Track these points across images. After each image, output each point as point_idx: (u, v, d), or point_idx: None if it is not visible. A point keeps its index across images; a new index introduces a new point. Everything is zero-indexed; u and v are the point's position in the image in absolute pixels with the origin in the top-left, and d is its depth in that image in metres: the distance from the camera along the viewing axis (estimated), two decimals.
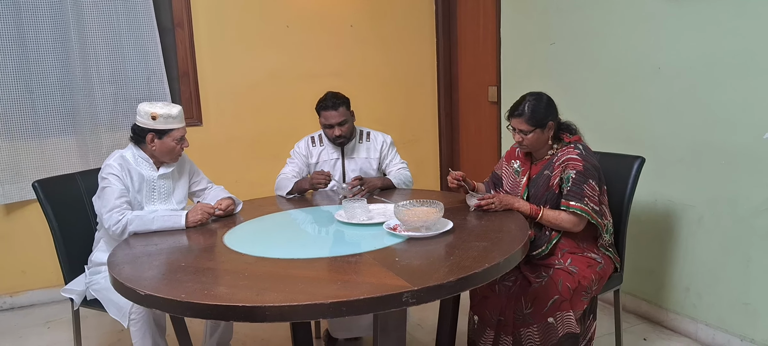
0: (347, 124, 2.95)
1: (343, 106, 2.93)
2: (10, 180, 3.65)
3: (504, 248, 1.91)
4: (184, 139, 2.56)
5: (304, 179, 2.98)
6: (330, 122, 2.93)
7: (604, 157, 2.62)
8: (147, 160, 2.56)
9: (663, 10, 2.88)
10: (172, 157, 2.57)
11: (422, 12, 4.61)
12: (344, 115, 2.93)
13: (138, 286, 1.73)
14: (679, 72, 2.84)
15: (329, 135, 2.98)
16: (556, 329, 2.22)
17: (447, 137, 4.80)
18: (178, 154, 2.58)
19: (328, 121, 2.93)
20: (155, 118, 2.46)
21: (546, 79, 3.55)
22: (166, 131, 2.49)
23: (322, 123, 2.97)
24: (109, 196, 2.42)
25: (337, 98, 2.93)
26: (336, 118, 2.92)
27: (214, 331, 2.72)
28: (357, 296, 1.56)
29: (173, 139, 2.51)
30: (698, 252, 2.87)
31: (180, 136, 2.53)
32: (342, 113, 2.92)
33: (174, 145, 2.53)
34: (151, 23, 3.79)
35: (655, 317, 3.11)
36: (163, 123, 2.48)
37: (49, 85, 3.66)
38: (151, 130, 2.48)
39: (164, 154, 2.54)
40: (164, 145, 2.51)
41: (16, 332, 3.43)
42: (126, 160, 2.53)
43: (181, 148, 2.56)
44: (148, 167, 2.56)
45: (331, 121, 2.92)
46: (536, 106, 2.36)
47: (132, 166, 2.53)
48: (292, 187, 2.91)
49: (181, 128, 2.54)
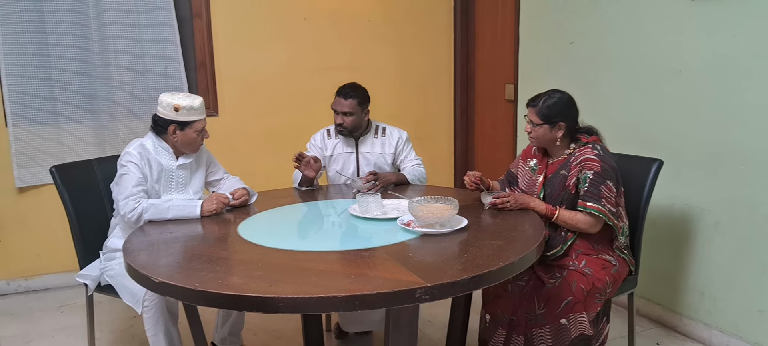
0: (352, 117, 2.95)
1: (355, 100, 2.93)
2: (28, 164, 3.69)
3: (519, 248, 1.90)
4: (205, 131, 2.58)
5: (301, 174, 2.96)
6: (336, 108, 2.96)
7: (621, 158, 2.59)
8: (167, 149, 2.57)
9: (683, 11, 2.85)
10: (192, 148, 2.59)
11: (440, 7, 4.59)
12: (352, 108, 2.93)
13: (152, 273, 1.74)
14: (699, 73, 2.81)
15: (335, 119, 3.00)
16: (569, 331, 2.21)
17: (462, 134, 4.78)
18: (198, 145, 2.60)
19: (335, 106, 2.97)
20: (178, 109, 2.48)
21: (564, 78, 3.52)
22: (188, 123, 2.51)
23: (332, 106, 2.99)
24: (127, 183, 2.44)
25: (353, 90, 2.94)
26: (342, 107, 2.94)
27: (226, 320, 2.74)
28: (370, 290, 1.56)
29: (194, 130, 2.53)
30: (714, 257, 2.84)
31: (201, 128, 2.55)
32: (350, 105, 2.93)
33: (195, 137, 2.55)
34: (169, 13, 3.81)
35: (669, 321, 3.08)
36: (185, 115, 2.50)
37: (68, 72, 3.69)
38: (173, 121, 2.50)
39: (185, 145, 2.56)
40: (185, 137, 2.53)
41: (30, 315, 3.47)
42: (146, 148, 2.55)
43: (201, 139, 2.58)
44: (168, 157, 2.58)
45: (337, 108, 2.96)
46: (552, 102, 2.35)
47: (151, 155, 2.54)
48: (301, 178, 2.92)
49: (202, 120, 2.56)
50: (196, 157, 2.68)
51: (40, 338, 3.16)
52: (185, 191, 2.63)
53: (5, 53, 3.52)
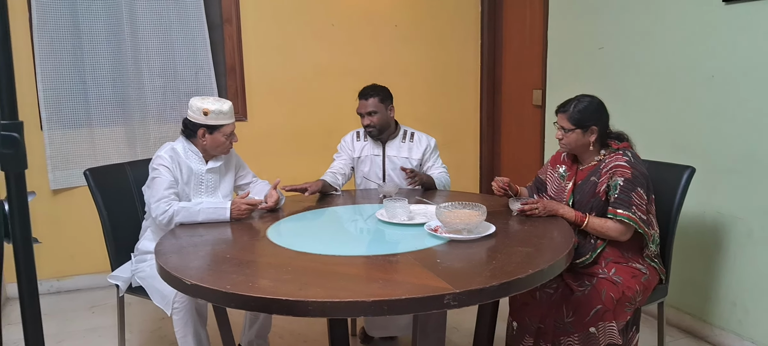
0: (377, 115, 2.98)
1: (376, 98, 2.97)
2: (62, 167, 3.77)
3: (548, 255, 1.89)
4: (234, 135, 2.62)
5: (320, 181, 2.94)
6: (360, 111, 3.01)
7: (652, 165, 2.56)
8: (197, 153, 2.62)
9: (716, 15, 2.80)
10: (222, 151, 2.63)
11: (468, 12, 4.59)
12: (375, 107, 2.97)
13: (184, 275, 1.76)
14: (733, 79, 2.76)
15: (362, 122, 3.04)
16: (598, 340, 2.18)
17: (488, 140, 4.76)
18: (227, 148, 2.63)
19: (359, 109, 3.02)
20: (207, 113, 2.53)
21: (593, 84, 3.49)
22: (217, 126, 2.55)
23: (357, 111, 3.04)
24: (159, 186, 2.48)
25: (372, 89, 2.99)
26: (365, 108, 2.98)
27: (253, 323, 2.76)
28: (399, 295, 1.56)
29: (223, 134, 2.57)
30: (747, 266, 2.78)
31: (230, 132, 2.60)
32: (373, 104, 2.97)
33: (224, 140, 2.59)
34: (200, 19, 3.87)
35: (699, 331, 3.03)
36: (215, 119, 2.54)
37: (101, 77, 3.77)
38: (202, 125, 2.55)
39: (214, 148, 2.60)
40: (215, 140, 2.57)
41: (63, 315, 3.54)
42: (176, 152, 2.59)
43: (230, 143, 2.62)
44: (198, 161, 2.62)
45: (361, 111, 3.00)
46: (583, 106, 2.33)
47: (182, 159, 2.59)
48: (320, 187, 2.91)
49: (231, 124, 2.60)
50: (225, 161, 2.71)
51: (72, 338, 3.22)
52: (215, 194, 2.67)
53: (41, 58, 3.61)
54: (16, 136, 0.79)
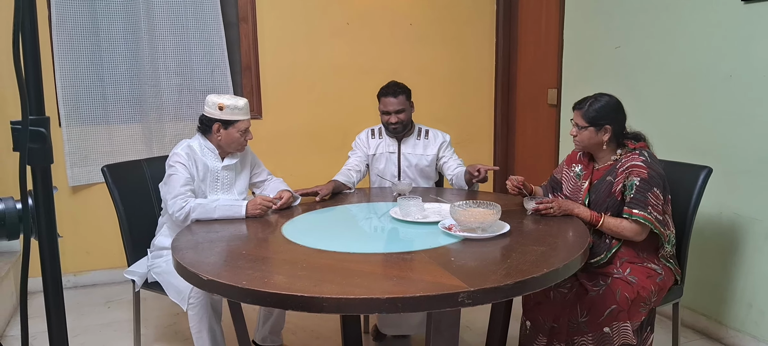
0: (404, 113, 2.99)
1: (403, 96, 2.98)
2: (80, 163, 3.82)
3: (563, 254, 1.89)
4: (248, 132, 2.64)
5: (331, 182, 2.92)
6: (387, 109, 2.97)
7: (669, 165, 2.54)
8: (212, 150, 2.64)
9: (735, 14, 2.78)
10: (236, 148, 2.65)
11: (483, 11, 4.58)
12: (403, 104, 2.97)
13: (200, 271, 1.78)
14: (751, 80, 2.74)
15: (385, 122, 3.02)
16: (612, 340, 2.18)
17: (502, 139, 4.75)
18: (242, 145, 2.65)
19: (386, 108, 2.98)
20: (222, 108, 2.55)
21: (609, 83, 3.47)
22: (232, 122, 2.58)
23: (381, 109, 3.01)
24: (175, 183, 2.50)
25: (398, 86, 2.99)
26: (394, 106, 2.96)
27: (267, 319, 2.78)
28: (413, 293, 1.57)
29: (238, 130, 2.59)
30: (763, 268, 2.76)
31: (245, 128, 2.61)
32: (401, 102, 2.96)
33: (238, 136, 2.60)
34: (216, 18, 3.89)
35: (715, 333, 3.01)
36: (229, 114, 2.56)
37: (119, 75, 3.81)
38: (217, 120, 2.57)
39: (229, 144, 2.62)
40: (229, 136, 2.59)
41: (79, 310, 3.58)
42: (192, 149, 2.62)
43: (245, 139, 2.64)
44: (213, 158, 2.64)
45: (389, 108, 2.97)
46: (600, 105, 2.32)
47: (198, 156, 2.61)
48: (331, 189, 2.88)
49: (246, 120, 2.62)
50: (241, 158, 2.74)
51: (88, 333, 3.26)
52: (230, 191, 2.69)
53: (59, 56, 3.66)
54: (42, 131, 0.81)
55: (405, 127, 3.04)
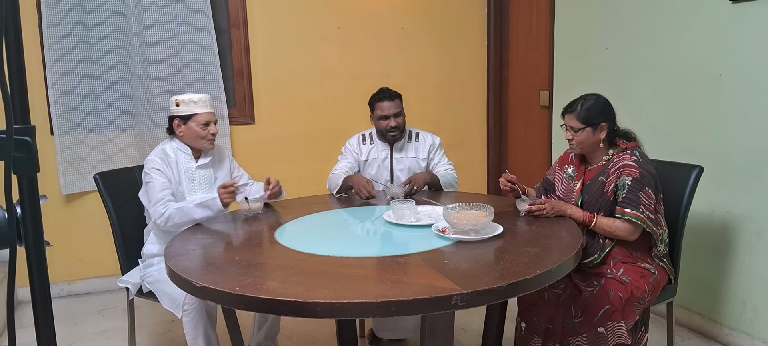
0: (402, 116, 3.01)
1: (399, 99, 3.00)
2: (72, 172, 3.80)
3: (556, 255, 1.89)
4: (211, 125, 2.65)
5: (350, 176, 3.00)
6: (386, 113, 2.97)
7: (660, 165, 2.55)
8: (185, 151, 2.67)
9: (724, 14, 2.79)
10: (202, 144, 2.66)
11: (474, 14, 4.59)
12: (399, 107, 2.99)
13: (193, 278, 1.77)
14: (741, 79, 2.75)
15: (384, 127, 3.00)
16: (607, 340, 2.18)
17: (495, 141, 4.76)
18: (206, 139, 2.65)
19: (384, 112, 2.97)
20: (179, 104, 2.61)
21: (601, 84, 3.49)
22: (190, 116, 2.61)
23: (378, 115, 3.00)
24: (153, 190, 2.53)
25: (393, 91, 3.01)
26: (392, 109, 2.97)
27: (263, 324, 2.77)
28: (407, 296, 1.56)
29: (197, 123, 2.62)
30: (756, 265, 2.77)
31: (205, 121, 2.63)
32: (397, 105, 2.98)
33: (199, 130, 2.62)
34: (208, 24, 3.89)
35: (709, 331, 3.01)
36: (186, 108, 2.60)
37: (110, 83, 3.81)
38: (176, 116, 2.62)
39: (192, 139, 2.64)
40: (190, 130, 2.62)
41: (73, 319, 3.57)
42: (166, 153, 2.65)
43: (208, 133, 2.64)
44: (187, 159, 2.67)
45: (388, 112, 2.97)
46: (590, 105, 2.33)
47: (171, 159, 2.64)
48: (341, 185, 2.95)
49: (206, 113, 2.64)
50: (216, 158, 2.77)
51: (82, 341, 3.24)
52: (211, 190, 2.71)
53: (51, 64, 3.65)
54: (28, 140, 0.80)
55: (402, 133, 3.05)
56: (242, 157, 4.12)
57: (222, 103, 3.98)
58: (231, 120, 4.08)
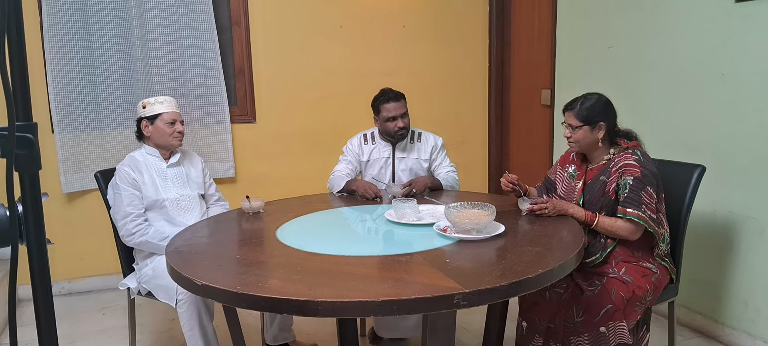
0: (408, 116, 3.01)
1: (404, 100, 3.00)
2: (73, 170, 3.80)
3: (558, 254, 1.88)
4: (177, 123, 2.73)
5: (354, 180, 3.00)
6: (393, 114, 2.95)
7: (662, 164, 2.55)
8: (154, 154, 2.74)
9: (727, 12, 2.79)
10: (170, 142, 2.73)
11: (475, 13, 4.58)
12: (405, 108, 2.99)
13: (194, 276, 1.77)
14: (744, 77, 2.75)
15: (391, 128, 2.99)
16: (608, 339, 2.18)
17: (496, 140, 4.76)
18: (173, 137, 2.73)
19: (391, 114, 2.96)
20: (145, 106, 2.70)
21: (603, 83, 3.48)
22: (156, 115, 2.69)
23: (384, 116, 2.98)
24: (119, 203, 2.59)
25: (398, 91, 3.00)
26: (399, 110, 2.96)
27: (274, 319, 2.81)
28: (408, 295, 1.56)
29: (163, 121, 2.70)
30: (759, 265, 2.76)
31: (171, 120, 2.71)
32: (403, 105, 2.98)
33: (165, 128, 2.70)
34: (209, 22, 3.88)
35: (711, 331, 3.01)
36: (151, 109, 2.69)
37: (111, 80, 3.80)
38: (143, 117, 2.70)
39: (160, 138, 2.71)
40: (157, 130, 2.70)
41: (74, 317, 3.57)
42: (135, 159, 2.71)
43: (175, 131, 2.72)
44: (157, 161, 2.74)
45: (395, 113, 2.95)
46: (590, 103, 2.33)
47: (141, 163, 2.69)
48: (343, 186, 2.95)
49: (171, 113, 2.72)
50: (186, 157, 2.85)
51: (84, 339, 3.24)
52: (186, 187, 2.78)
53: (52, 62, 3.64)
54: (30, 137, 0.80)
55: (408, 131, 3.04)
56: (243, 155, 4.12)
57: (223, 101, 3.98)
58: (232, 118, 4.08)
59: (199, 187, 2.83)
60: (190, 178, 2.81)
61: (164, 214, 2.67)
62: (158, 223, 2.65)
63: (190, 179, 2.81)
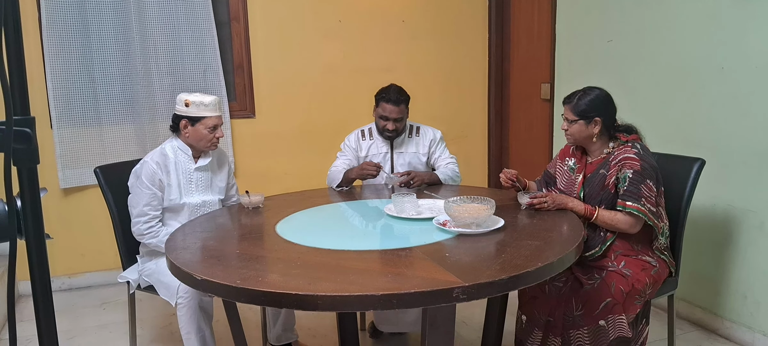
0: (402, 122, 2.98)
1: (404, 105, 2.96)
2: (72, 165, 3.80)
3: (557, 248, 1.89)
4: (218, 129, 2.63)
5: (351, 169, 3.00)
6: (387, 115, 2.94)
7: (662, 158, 2.55)
8: (185, 151, 2.64)
9: (727, 7, 2.78)
10: (205, 145, 2.63)
11: (475, 7, 4.57)
12: (402, 113, 2.96)
13: (195, 271, 1.77)
14: (744, 72, 2.74)
15: (380, 125, 3.00)
16: (607, 333, 2.18)
17: (496, 134, 4.75)
18: (211, 142, 2.63)
19: (385, 113, 2.95)
20: (188, 105, 2.56)
21: (602, 77, 3.47)
22: (198, 118, 2.57)
23: (379, 113, 2.98)
24: (138, 200, 2.54)
25: (401, 95, 2.95)
26: (394, 114, 2.93)
27: (277, 318, 2.80)
28: (408, 289, 1.56)
29: (206, 126, 2.58)
30: (758, 259, 2.77)
31: (213, 125, 2.60)
32: (401, 110, 2.95)
33: (206, 133, 2.60)
34: (208, 17, 3.88)
35: (710, 324, 3.01)
36: (195, 110, 2.57)
37: (110, 76, 3.79)
38: (184, 116, 2.58)
39: (198, 141, 2.61)
40: (197, 133, 2.59)
41: (74, 312, 3.57)
42: (164, 155, 2.61)
43: (214, 137, 2.62)
44: (186, 159, 2.65)
45: (389, 115, 2.94)
46: (588, 98, 2.33)
47: (170, 160, 2.61)
48: (341, 179, 2.95)
49: (215, 117, 2.60)
50: (217, 160, 2.75)
51: (84, 335, 3.25)
52: (207, 192, 2.70)
53: (50, 57, 3.63)
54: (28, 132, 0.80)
55: (399, 134, 3.03)
56: (243, 151, 4.12)
57: (222, 96, 3.97)
58: (231, 114, 4.07)
59: (221, 192, 2.76)
60: (214, 183, 2.73)
61: (181, 218, 2.62)
62: (171, 225, 2.58)
63: (213, 185, 2.73)
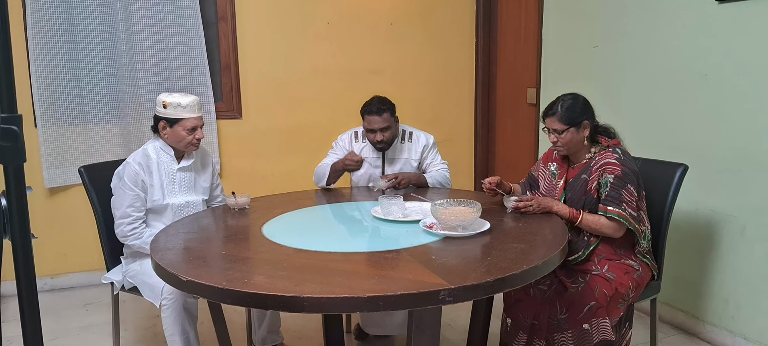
0: (390, 130, 2.93)
1: (388, 113, 2.90)
2: (56, 165, 3.76)
3: (542, 251, 1.90)
4: (198, 130, 2.60)
5: (338, 160, 2.98)
6: (372, 127, 2.91)
7: (646, 163, 2.58)
8: (168, 152, 2.62)
9: (710, 13, 2.82)
10: (184, 147, 2.61)
11: (462, 11, 4.60)
12: (387, 122, 2.90)
13: (180, 272, 1.76)
14: (726, 79, 2.78)
15: (371, 139, 2.97)
16: (591, 336, 2.20)
17: (483, 138, 4.78)
18: (190, 144, 2.61)
19: (370, 126, 2.91)
20: (166, 106, 2.55)
21: (588, 82, 3.51)
22: (176, 120, 2.55)
23: (365, 127, 2.95)
24: (121, 202, 2.53)
25: (383, 104, 2.90)
26: (379, 124, 2.89)
27: (262, 320, 2.78)
28: (394, 291, 1.57)
29: (184, 128, 2.56)
30: (739, 263, 2.81)
31: (191, 127, 2.57)
32: (385, 119, 2.89)
33: (185, 135, 2.57)
34: (195, 17, 3.86)
35: (692, 328, 3.05)
36: (173, 112, 2.54)
37: (96, 75, 3.76)
38: (162, 118, 2.56)
39: (176, 142, 2.59)
40: (175, 134, 2.57)
41: (57, 313, 3.53)
42: (147, 156, 2.59)
43: (194, 138, 2.60)
44: (169, 160, 2.63)
45: (374, 126, 2.90)
46: (569, 105, 2.34)
47: (152, 161, 2.59)
48: (329, 172, 2.93)
49: (194, 118, 2.58)
50: (200, 160, 2.73)
51: (67, 336, 3.22)
52: (190, 193, 2.68)
53: (35, 56, 3.60)
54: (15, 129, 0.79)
55: (390, 144, 2.99)
56: (229, 151, 4.11)
57: (209, 97, 3.96)
58: (218, 114, 4.06)
59: (205, 192, 2.75)
60: (198, 183, 2.72)
61: (164, 218, 2.60)
62: (155, 226, 2.56)
63: (197, 185, 2.71)
